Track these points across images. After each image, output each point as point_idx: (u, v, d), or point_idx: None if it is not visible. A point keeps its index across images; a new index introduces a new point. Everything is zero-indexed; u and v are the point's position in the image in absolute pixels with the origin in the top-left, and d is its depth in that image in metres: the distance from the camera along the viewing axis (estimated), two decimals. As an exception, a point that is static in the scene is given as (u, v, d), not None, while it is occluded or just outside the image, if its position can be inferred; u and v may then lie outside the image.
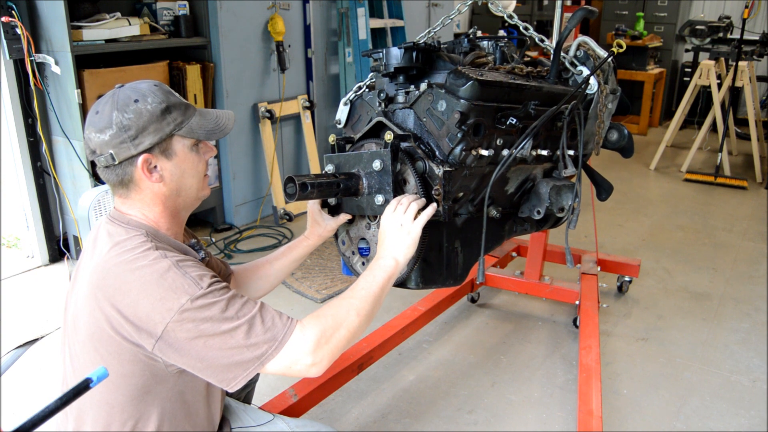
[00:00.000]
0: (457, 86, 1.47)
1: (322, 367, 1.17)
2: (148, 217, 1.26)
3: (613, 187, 2.13)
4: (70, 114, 3.08)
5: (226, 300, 1.13)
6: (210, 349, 1.11)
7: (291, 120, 4.28)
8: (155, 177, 1.23)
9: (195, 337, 1.10)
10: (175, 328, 1.10)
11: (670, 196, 4.84)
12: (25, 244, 3.40)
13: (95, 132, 1.20)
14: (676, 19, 7.08)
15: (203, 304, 1.11)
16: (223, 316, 1.11)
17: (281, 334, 1.14)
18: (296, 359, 1.15)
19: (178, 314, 1.09)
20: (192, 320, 1.10)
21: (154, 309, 1.10)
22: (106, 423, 1.21)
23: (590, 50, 1.91)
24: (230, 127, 1.33)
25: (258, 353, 1.13)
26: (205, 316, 1.10)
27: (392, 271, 1.33)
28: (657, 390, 2.40)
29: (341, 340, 1.19)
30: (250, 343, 1.12)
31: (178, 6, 3.50)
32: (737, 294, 3.20)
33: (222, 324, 1.11)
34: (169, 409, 1.23)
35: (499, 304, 3.09)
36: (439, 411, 2.27)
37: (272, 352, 1.13)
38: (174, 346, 1.11)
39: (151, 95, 1.21)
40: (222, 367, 1.12)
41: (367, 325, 1.26)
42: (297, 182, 1.34)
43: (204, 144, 1.31)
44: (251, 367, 1.13)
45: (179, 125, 1.23)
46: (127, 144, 1.19)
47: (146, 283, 1.12)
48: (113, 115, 1.18)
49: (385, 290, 1.31)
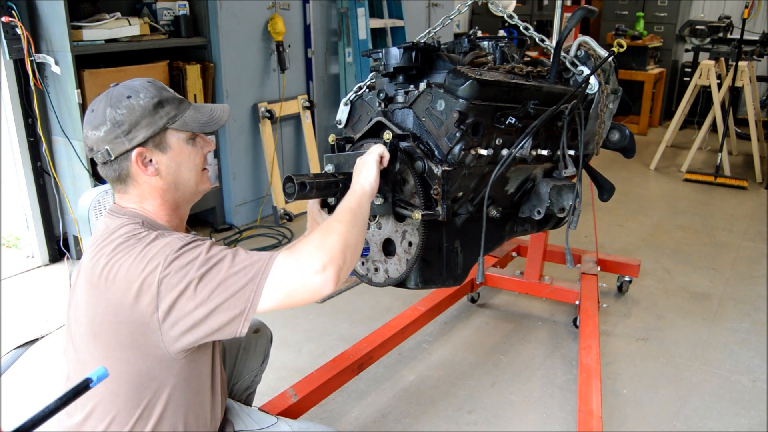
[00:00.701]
0: (456, 86, 1.47)
1: (327, 276, 1.11)
2: (147, 209, 1.29)
3: (615, 187, 2.13)
4: (70, 114, 3.08)
5: (208, 245, 1.17)
6: (203, 289, 1.11)
7: (291, 120, 4.28)
8: (150, 170, 1.26)
9: (187, 284, 1.11)
10: (167, 283, 1.11)
11: (670, 196, 4.84)
12: (25, 244, 3.40)
13: (91, 129, 1.24)
14: (676, 19, 7.08)
15: (187, 250, 1.14)
16: (207, 256, 1.13)
17: (268, 255, 1.14)
18: (293, 273, 1.12)
19: (166, 266, 1.12)
20: (179, 267, 1.12)
21: (146, 270, 1.13)
22: (113, 412, 1.22)
23: (591, 50, 1.91)
24: (225, 118, 1.35)
25: (250, 275, 1.11)
26: (190, 258, 1.13)
27: (360, 194, 1.33)
28: (657, 390, 2.40)
29: (333, 244, 1.15)
30: (237, 269, 1.12)
31: (178, 6, 3.50)
32: (737, 294, 3.20)
33: (207, 262, 1.12)
34: (175, 397, 1.24)
35: (499, 304, 3.09)
36: (439, 411, 2.27)
37: (264, 271, 1.11)
38: (170, 302, 1.11)
39: (143, 91, 1.25)
40: (220, 307, 1.11)
41: (356, 233, 1.22)
42: (296, 181, 1.34)
43: (201, 138, 1.33)
44: (247, 295, 1.11)
45: (172, 119, 1.26)
46: (121, 139, 1.22)
47: (134, 254, 1.15)
48: (107, 111, 1.22)
49: (361, 206, 1.31)
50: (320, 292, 1.12)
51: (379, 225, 1.60)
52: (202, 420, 1.32)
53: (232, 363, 1.72)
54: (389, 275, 1.60)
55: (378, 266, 1.62)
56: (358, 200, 1.31)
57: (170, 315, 1.12)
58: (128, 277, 1.13)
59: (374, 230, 1.61)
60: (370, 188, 1.36)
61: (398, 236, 1.56)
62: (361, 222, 1.27)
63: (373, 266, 1.64)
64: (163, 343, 1.16)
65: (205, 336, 1.14)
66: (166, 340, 1.15)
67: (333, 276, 1.11)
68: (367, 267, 1.65)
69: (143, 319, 1.14)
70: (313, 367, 2.16)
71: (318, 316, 2.92)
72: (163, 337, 1.15)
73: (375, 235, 1.61)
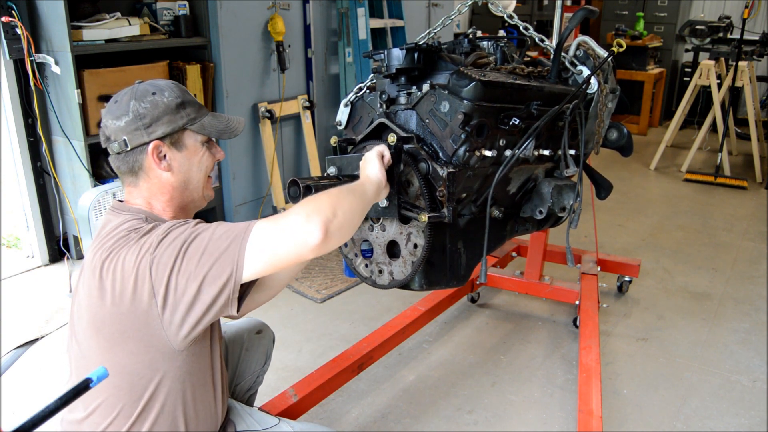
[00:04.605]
0: (460, 87, 1.47)
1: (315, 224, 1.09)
2: (153, 205, 1.31)
3: (613, 186, 2.14)
4: (70, 114, 3.07)
5: (194, 221, 1.20)
6: (189, 260, 1.13)
7: (291, 120, 4.27)
8: (164, 165, 1.29)
9: (174, 258, 1.13)
10: (157, 263, 1.13)
11: (670, 196, 4.84)
12: (25, 244, 3.40)
13: (112, 119, 1.27)
14: (676, 19, 7.08)
15: (173, 228, 1.18)
16: (191, 230, 1.16)
17: (255, 219, 1.17)
18: (278, 226, 1.12)
19: (155, 249, 1.15)
20: (167, 246, 1.14)
21: (138, 257, 1.15)
22: (116, 405, 1.22)
23: (590, 50, 1.91)
24: (240, 129, 1.39)
25: (231, 237, 1.13)
26: (176, 235, 1.16)
27: (362, 180, 1.36)
28: (657, 390, 2.41)
29: (320, 201, 1.15)
30: (218, 234, 1.14)
31: (178, 6, 3.50)
32: (737, 294, 3.21)
33: (191, 235, 1.15)
34: (176, 389, 1.25)
35: (499, 304, 3.09)
36: (439, 411, 2.27)
37: (245, 231, 1.13)
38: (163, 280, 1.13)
39: (168, 90, 1.29)
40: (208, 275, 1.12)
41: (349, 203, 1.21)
42: (301, 185, 1.35)
43: (214, 145, 1.37)
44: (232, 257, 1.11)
45: (192, 120, 1.30)
46: (141, 131, 1.26)
47: (132, 245, 1.18)
48: (131, 104, 1.26)
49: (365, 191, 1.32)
50: (307, 241, 1.09)
51: (384, 227, 1.59)
52: (203, 417, 1.32)
53: (234, 363, 1.72)
54: (394, 277, 1.60)
55: (382, 268, 1.62)
56: (360, 184, 1.34)
57: (168, 298, 1.14)
58: (125, 268, 1.16)
59: (378, 232, 1.61)
60: (376, 178, 1.38)
61: (403, 238, 1.56)
62: (359, 198, 1.28)
63: (377, 268, 1.63)
64: (165, 333, 1.17)
65: (202, 314, 1.15)
66: (169, 329, 1.17)
67: (320, 225, 1.09)
68: (371, 269, 1.65)
69: (145, 309, 1.15)
70: (313, 367, 2.16)
71: (318, 316, 2.92)
72: (165, 326, 1.16)
73: (379, 237, 1.61)
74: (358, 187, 1.32)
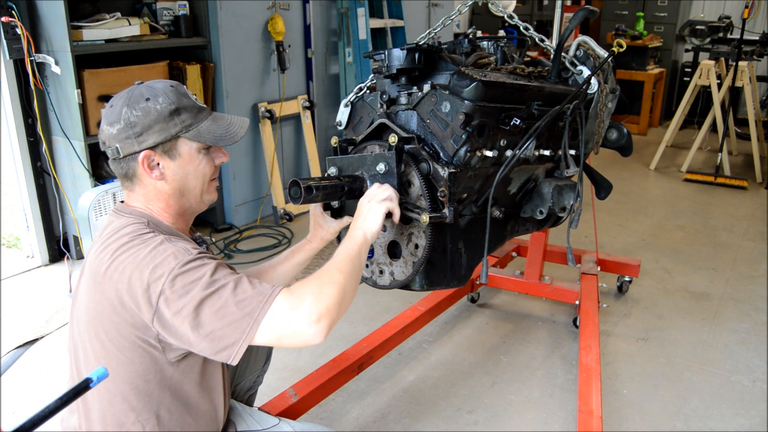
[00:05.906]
0: (461, 87, 1.47)
1: (319, 328, 1.13)
2: (152, 210, 1.29)
3: (613, 186, 2.14)
4: (70, 114, 3.07)
5: (215, 265, 1.16)
6: (201, 313, 1.11)
7: (291, 120, 4.28)
8: (156, 174, 1.26)
9: (185, 305, 1.11)
10: (168, 296, 1.11)
11: (670, 196, 4.84)
12: (25, 244, 3.40)
13: (106, 124, 1.25)
14: (676, 19, 7.08)
15: (192, 267, 1.13)
16: (211, 279, 1.13)
17: (269, 291, 1.14)
18: (289, 319, 1.13)
19: (170, 280, 1.12)
20: (182, 285, 1.12)
21: (149, 278, 1.13)
22: (111, 413, 1.22)
23: (590, 50, 1.91)
24: (241, 134, 1.34)
25: (248, 310, 1.12)
26: (194, 278, 1.12)
27: (361, 242, 1.33)
28: (657, 390, 2.41)
29: (331, 296, 1.16)
30: (238, 299, 1.12)
31: (178, 6, 3.50)
32: (737, 294, 3.21)
33: (210, 285, 1.12)
34: (168, 399, 1.24)
35: (499, 304, 3.09)
36: (439, 411, 2.27)
37: (262, 307, 1.12)
38: (168, 317, 1.12)
39: (162, 95, 1.24)
40: (216, 333, 1.11)
41: (353, 284, 1.24)
42: (302, 186, 1.34)
43: (216, 149, 1.33)
44: (243, 327, 1.11)
45: (187, 128, 1.25)
46: (132, 140, 1.23)
47: (139, 257, 1.15)
48: (123, 110, 1.22)
49: (360, 255, 1.31)
50: (309, 342, 1.13)
51: (384, 228, 1.59)
52: (204, 420, 1.32)
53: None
54: (395, 278, 1.60)
55: (383, 269, 1.62)
56: (359, 248, 1.32)
57: (166, 329, 1.14)
58: (131, 281, 1.14)
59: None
60: (372, 237, 1.36)
61: (404, 239, 1.55)
62: (358, 271, 1.29)
63: (378, 269, 1.63)
64: (159, 349, 1.19)
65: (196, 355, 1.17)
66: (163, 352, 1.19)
67: (325, 329, 1.14)
68: (372, 270, 1.65)
69: (142, 323, 1.15)
70: (313, 367, 2.16)
71: (318, 316, 2.92)
72: (160, 347, 1.18)
73: (380, 237, 1.61)
74: (358, 258, 1.29)
